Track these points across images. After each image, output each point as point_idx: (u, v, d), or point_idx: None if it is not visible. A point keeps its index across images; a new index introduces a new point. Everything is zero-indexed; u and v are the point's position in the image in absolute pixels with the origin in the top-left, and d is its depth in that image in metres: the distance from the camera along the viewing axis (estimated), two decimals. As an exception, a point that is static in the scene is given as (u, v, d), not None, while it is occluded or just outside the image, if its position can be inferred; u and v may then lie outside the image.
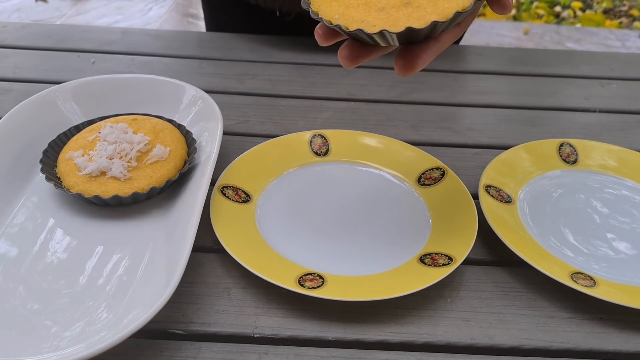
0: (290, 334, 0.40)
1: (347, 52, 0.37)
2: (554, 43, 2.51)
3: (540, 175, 0.54)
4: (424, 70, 0.67)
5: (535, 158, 0.55)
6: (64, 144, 0.52)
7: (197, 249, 0.45)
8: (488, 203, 0.48)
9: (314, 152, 0.55)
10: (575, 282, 0.42)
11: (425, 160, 0.54)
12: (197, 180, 0.48)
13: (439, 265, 0.43)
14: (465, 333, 0.41)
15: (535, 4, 2.88)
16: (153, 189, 0.48)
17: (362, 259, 0.45)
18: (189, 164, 0.50)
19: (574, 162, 0.56)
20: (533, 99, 0.70)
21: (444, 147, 0.60)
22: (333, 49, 0.38)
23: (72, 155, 0.49)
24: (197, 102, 0.57)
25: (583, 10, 2.86)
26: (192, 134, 0.53)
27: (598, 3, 2.92)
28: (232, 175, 0.51)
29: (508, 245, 0.44)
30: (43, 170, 0.48)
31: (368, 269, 0.44)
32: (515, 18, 2.80)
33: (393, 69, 0.37)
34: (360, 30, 0.34)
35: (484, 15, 2.64)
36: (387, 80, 0.71)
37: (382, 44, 0.36)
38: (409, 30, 0.34)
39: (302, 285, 0.41)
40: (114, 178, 0.47)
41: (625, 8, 2.89)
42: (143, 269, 0.43)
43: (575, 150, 0.56)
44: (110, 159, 0.48)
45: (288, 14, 0.77)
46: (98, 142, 0.50)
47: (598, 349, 0.40)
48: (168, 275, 0.39)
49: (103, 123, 0.52)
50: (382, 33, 0.34)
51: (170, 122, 0.54)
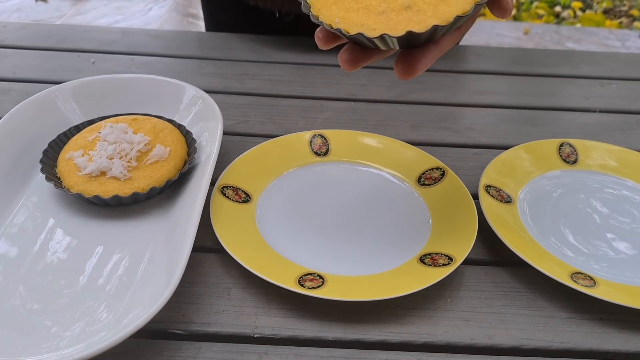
0: (290, 334, 0.40)
1: (347, 55, 0.36)
2: (554, 43, 2.51)
3: (540, 175, 0.54)
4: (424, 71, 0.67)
5: (535, 158, 0.55)
6: (64, 144, 0.52)
7: (197, 249, 0.45)
8: (488, 203, 0.48)
9: (314, 152, 0.55)
10: (575, 282, 0.42)
11: (425, 160, 0.54)
12: (197, 180, 0.48)
13: (439, 265, 0.43)
14: (465, 333, 0.41)
15: (535, 4, 2.88)
16: (153, 189, 0.48)
17: (362, 259, 0.45)
18: (189, 164, 0.50)
19: (574, 162, 0.56)
20: (533, 99, 0.70)
21: (444, 147, 0.60)
22: (333, 49, 0.38)
23: (72, 155, 0.49)
24: (197, 102, 0.57)
25: (583, 10, 2.87)
26: (192, 134, 0.53)
27: (598, 3, 2.92)
28: (232, 175, 0.51)
29: (508, 245, 0.44)
30: (43, 170, 0.48)
31: (368, 269, 0.44)
32: (515, 18, 2.80)
33: (393, 69, 0.37)
34: (361, 34, 0.34)
35: (484, 15, 2.64)
36: (387, 80, 0.71)
37: (382, 48, 0.36)
38: (410, 34, 0.33)
39: (302, 285, 0.41)
40: (114, 178, 0.47)
41: (625, 8, 2.89)
42: (143, 269, 0.43)
43: (575, 150, 0.56)
44: (110, 159, 0.48)
45: (287, 15, 0.77)
46: (98, 142, 0.50)
47: (598, 349, 0.40)
48: (168, 275, 0.39)
49: (103, 123, 0.52)
50: (382, 37, 0.34)
51: (170, 122, 0.54)
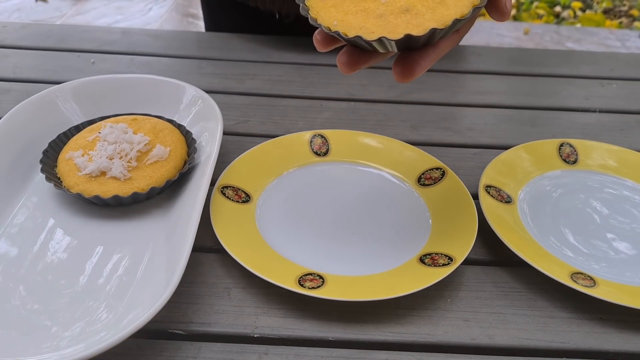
0: (290, 334, 0.40)
1: (345, 58, 0.36)
2: (554, 43, 2.51)
3: (540, 175, 0.54)
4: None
5: (535, 158, 0.55)
6: (64, 144, 0.52)
7: (197, 249, 0.45)
8: (488, 203, 0.48)
9: (314, 152, 0.55)
10: (575, 282, 0.42)
11: (425, 160, 0.54)
12: (197, 180, 0.48)
13: (439, 265, 0.43)
14: (465, 333, 0.41)
15: (535, 4, 2.88)
16: (153, 189, 0.48)
17: (362, 259, 0.45)
18: (189, 164, 0.50)
19: (574, 162, 0.56)
20: (533, 99, 0.70)
21: (444, 147, 0.60)
22: (333, 50, 0.38)
23: (72, 155, 0.49)
24: (197, 102, 0.57)
25: (583, 10, 2.86)
26: (192, 134, 0.53)
27: (598, 3, 2.92)
28: (232, 175, 0.51)
29: (508, 245, 0.44)
30: (43, 170, 0.48)
31: (368, 269, 0.44)
32: (515, 18, 2.80)
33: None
34: (359, 37, 0.34)
35: (484, 16, 2.64)
36: (387, 80, 0.71)
37: (380, 51, 0.36)
38: (408, 38, 0.34)
39: (302, 285, 0.41)
40: (114, 178, 0.47)
41: (625, 8, 2.89)
42: (143, 269, 0.43)
43: (575, 150, 0.56)
44: (110, 159, 0.48)
45: (287, 17, 0.77)
46: (98, 142, 0.50)
47: (598, 349, 0.40)
48: (168, 275, 0.39)
49: (103, 123, 0.52)
50: (380, 40, 0.34)
51: (170, 122, 0.54)
